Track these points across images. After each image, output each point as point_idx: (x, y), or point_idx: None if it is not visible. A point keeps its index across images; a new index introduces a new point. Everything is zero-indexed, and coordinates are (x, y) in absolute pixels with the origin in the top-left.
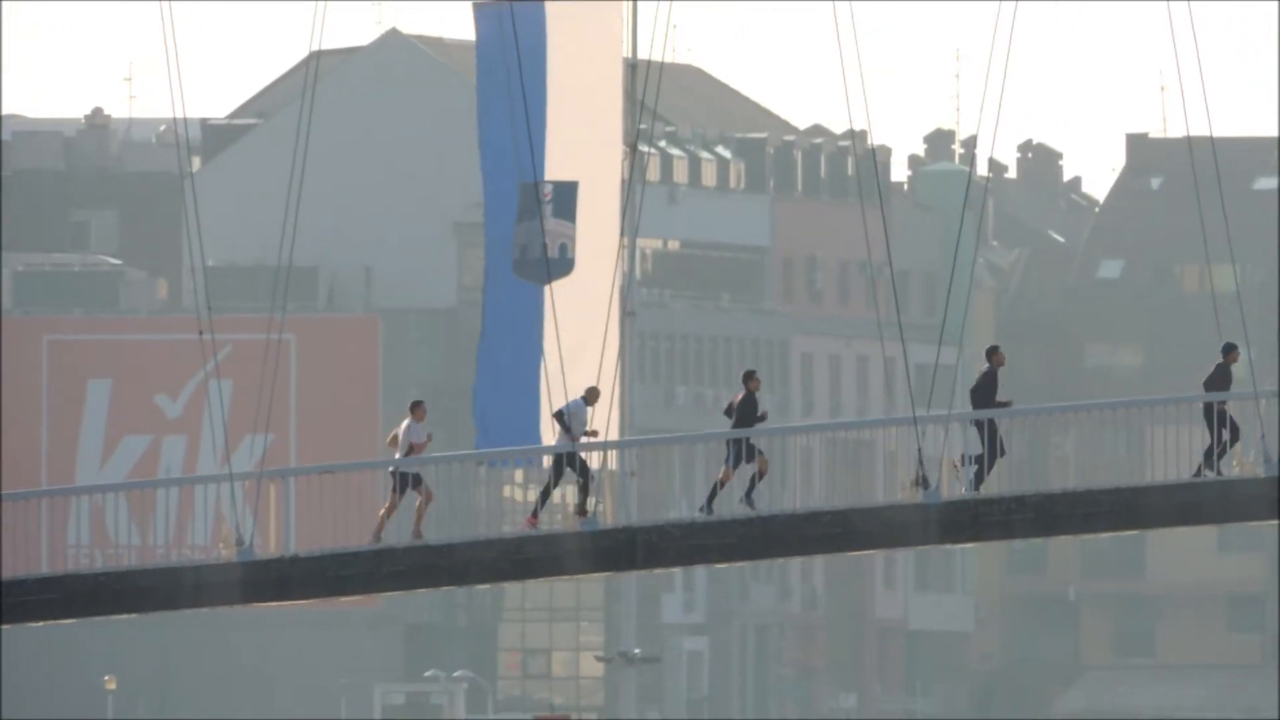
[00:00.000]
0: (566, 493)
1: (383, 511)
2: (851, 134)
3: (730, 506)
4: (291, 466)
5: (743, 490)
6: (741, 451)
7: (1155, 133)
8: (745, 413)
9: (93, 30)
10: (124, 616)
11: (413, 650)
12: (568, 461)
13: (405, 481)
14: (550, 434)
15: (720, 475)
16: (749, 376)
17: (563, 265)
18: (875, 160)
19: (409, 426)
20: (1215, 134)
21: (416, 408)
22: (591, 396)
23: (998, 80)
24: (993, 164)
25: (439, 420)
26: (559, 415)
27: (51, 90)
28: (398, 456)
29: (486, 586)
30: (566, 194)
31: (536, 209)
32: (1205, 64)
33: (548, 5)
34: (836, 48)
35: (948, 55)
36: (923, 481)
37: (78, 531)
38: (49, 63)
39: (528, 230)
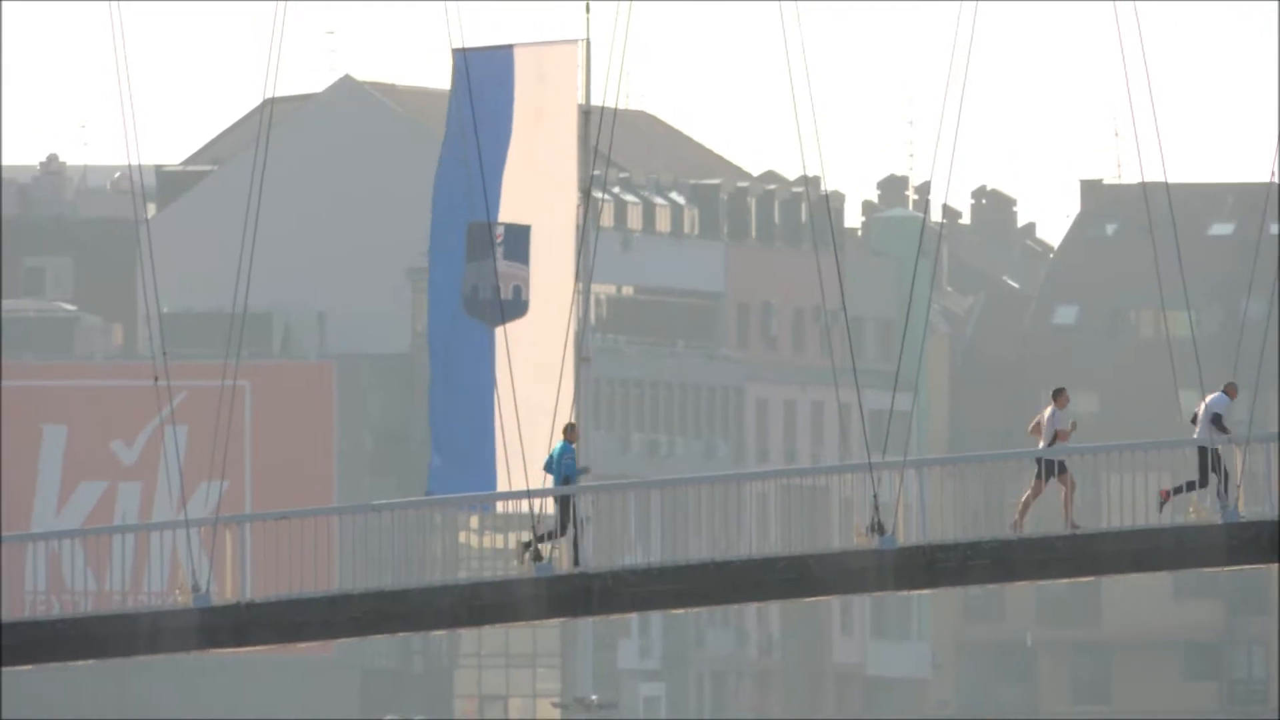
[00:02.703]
0: (521, 538)
1: (1025, 497)
2: (805, 180)
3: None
4: (247, 512)
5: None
6: (1053, 467)
7: (1110, 179)
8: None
9: (47, 77)
10: (81, 663)
11: (369, 696)
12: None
13: (1050, 469)
14: (507, 476)
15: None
16: (1058, 393)
17: (516, 307)
18: (829, 206)
19: (1052, 413)
20: (1170, 180)
21: (1059, 395)
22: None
23: (951, 126)
24: (946, 210)
25: (392, 464)
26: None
27: (6, 137)
28: (1041, 445)
29: (442, 632)
30: (519, 237)
31: (489, 249)
32: (1159, 110)
33: (516, 51)
34: (789, 94)
35: (901, 101)
36: (878, 528)
37: (34, 577)
38: (3, 109)
39: (479, 270)
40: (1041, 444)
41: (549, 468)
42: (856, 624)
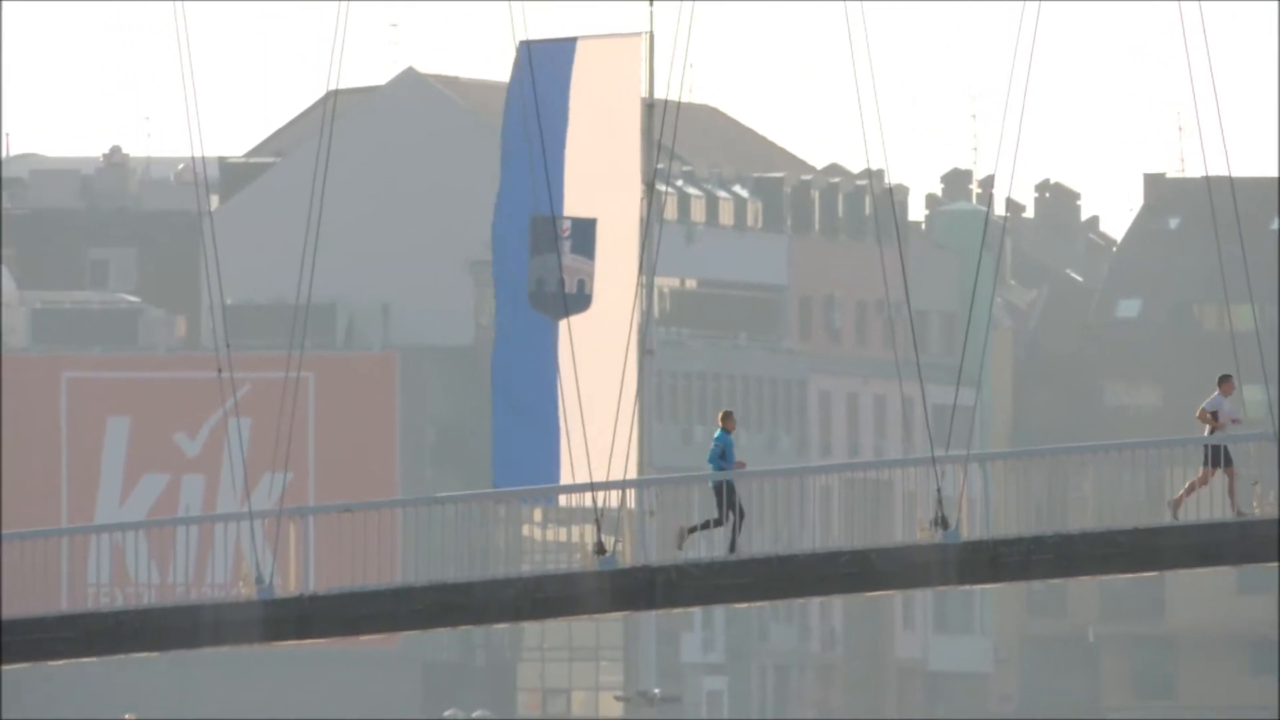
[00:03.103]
0: (585, 531)
1: (1191, 482)
2: (869, 173)
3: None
4: (310, 505)
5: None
6: (1219, 457)
7: (1173, 173)
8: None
9: (111, 69)
10: (144, 654)
11: (431, 689)
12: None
13: (1218, 459)
14: (570, 470)
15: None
16: (1224, 380)
17: (580, 301)
18: (893, 200)
19: (1216, 399)
20: (1233, 174)
21: (1225, 381)
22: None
23: (1015, 120)
24: (1010, 204)
25: (455, 456)
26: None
27: (70, 129)
28: (1208, 432)
29: (505, 625)
30: (585, 230)
31: (553, 244)
32: (1223, 104)
33: (579, 43)
34: (854, 87)
35: (965, 95)
36: (941, 522)
37: (97, 570)
38: (68, 101)
39: (544, 264)
40: (1208, 431)
41: (710, 457)
42: (919, 618)
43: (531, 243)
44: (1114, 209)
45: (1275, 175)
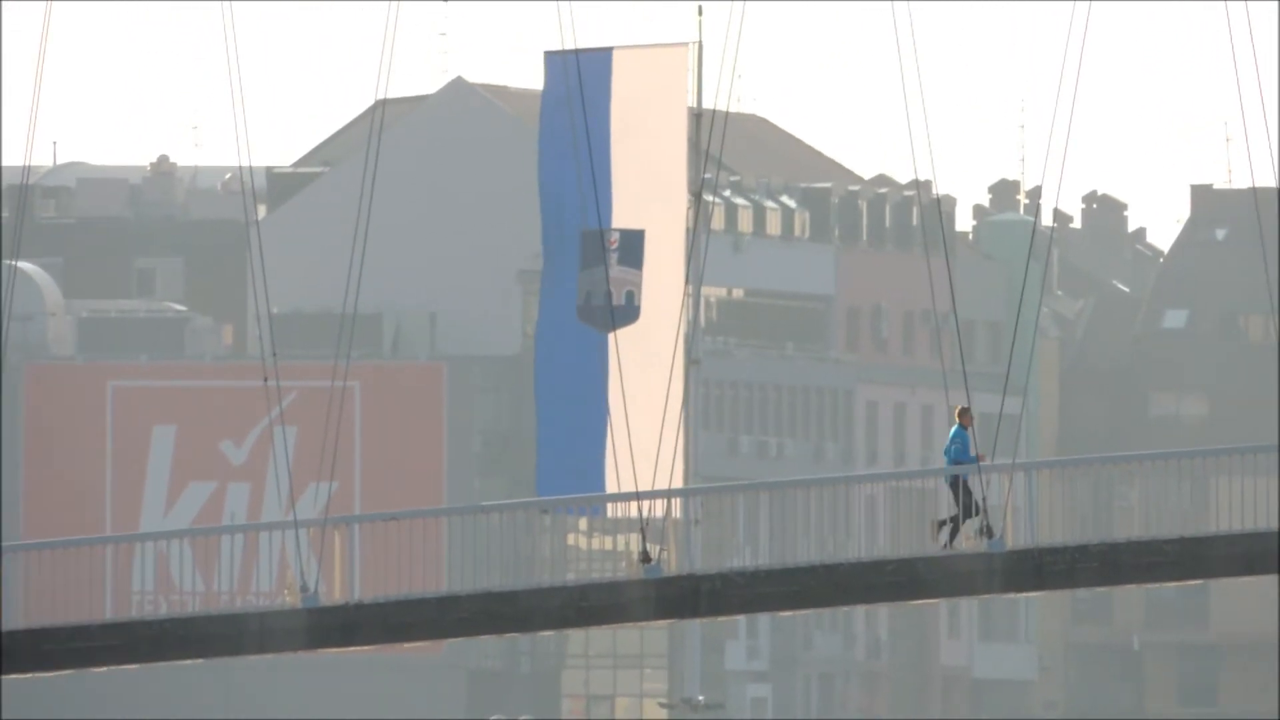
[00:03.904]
0: (630, 540)
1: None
2: (916, 184)
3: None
4: (356, 514)
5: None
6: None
7: (1220, 184)
8: None
9: (159, 78)
10: (189, 662)
11: (476, 696)
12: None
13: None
14: (615, 479)
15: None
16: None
17: (629, 313)
18: (940, 210)
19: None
20: None
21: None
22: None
23: (1062, 131)
24: (1057, 214)
25: (501, 466)
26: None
27: (118, 137)
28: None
29: (550, 633)
30: (633, 242)
31: (602, 256)
32: (1270, 115)
33: (615, 54)
34: (901, 97)
35: (1012, 106)
36: (987, 531)
37: (143, 578)
38: (115, 110)
39: (592, 277)
40: None
41: (946, 452)
42: (964, 626)
43: (581, 256)
44: (1161, 220)
45: None
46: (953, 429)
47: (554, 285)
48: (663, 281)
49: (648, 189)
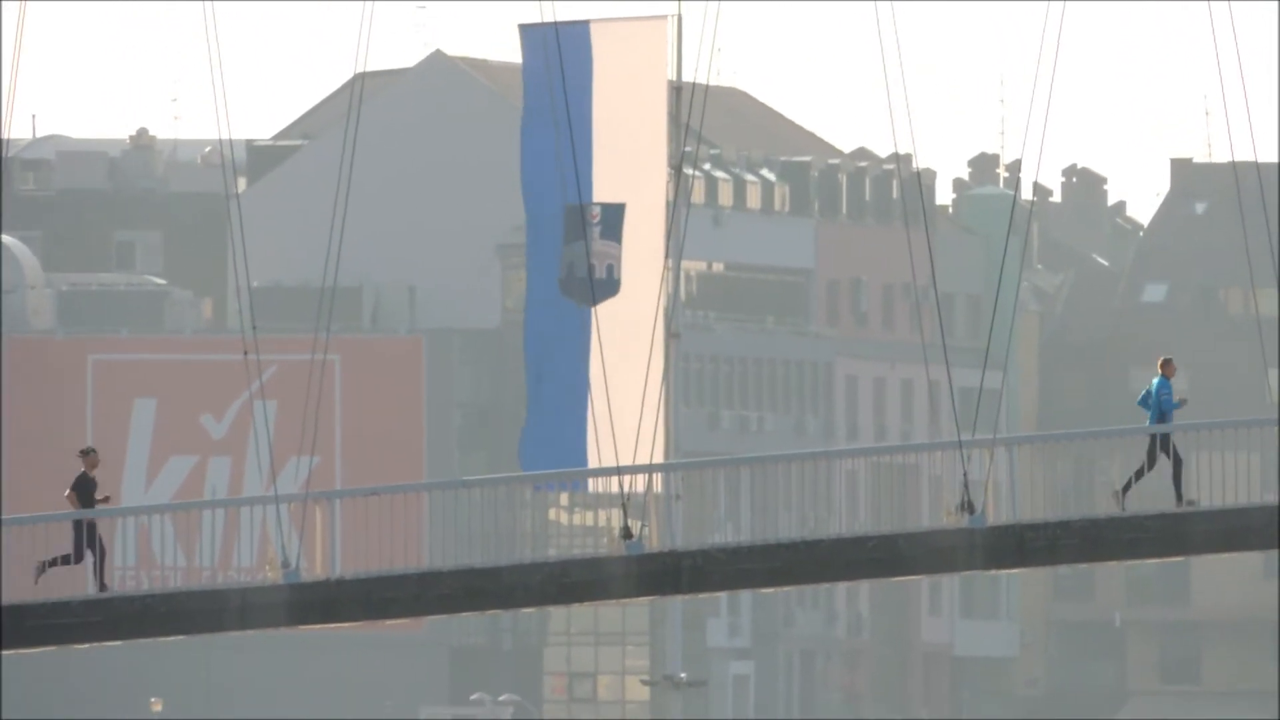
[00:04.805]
0: (612, 516)
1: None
2: (896, 157)
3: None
4: (337, 488)
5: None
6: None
7: (1200, 157)
8: None
9: (138, 51)
10: (170, 639)
11: (458, 673)
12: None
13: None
14: (596, 454)
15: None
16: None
17: (609, 286)
18: (920, 184)
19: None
20: (1259, 158)
21: (1166, 364)
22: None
23: (1042, 104)
24: (1037, 188)
25: (482, 440)
26: (1144, 399)
27: (97, 111)
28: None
29: (532, 610)
30: (614, 215)
31: (583, 231)
32: (1249, 89)
33: (593, 26)
34: (881, 71)
35: (992, 79)
36: (968, 506)
37: (123, 553)
38: (94, 83)
39: (574, 251)
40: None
41: (1143, 402)
42: (945, 603)
43: (565, 230)
44: (1141, 193)
45: None
46: (1156, 380)
47: (538, 260)
48: (643, 255)
49: (627, 162)
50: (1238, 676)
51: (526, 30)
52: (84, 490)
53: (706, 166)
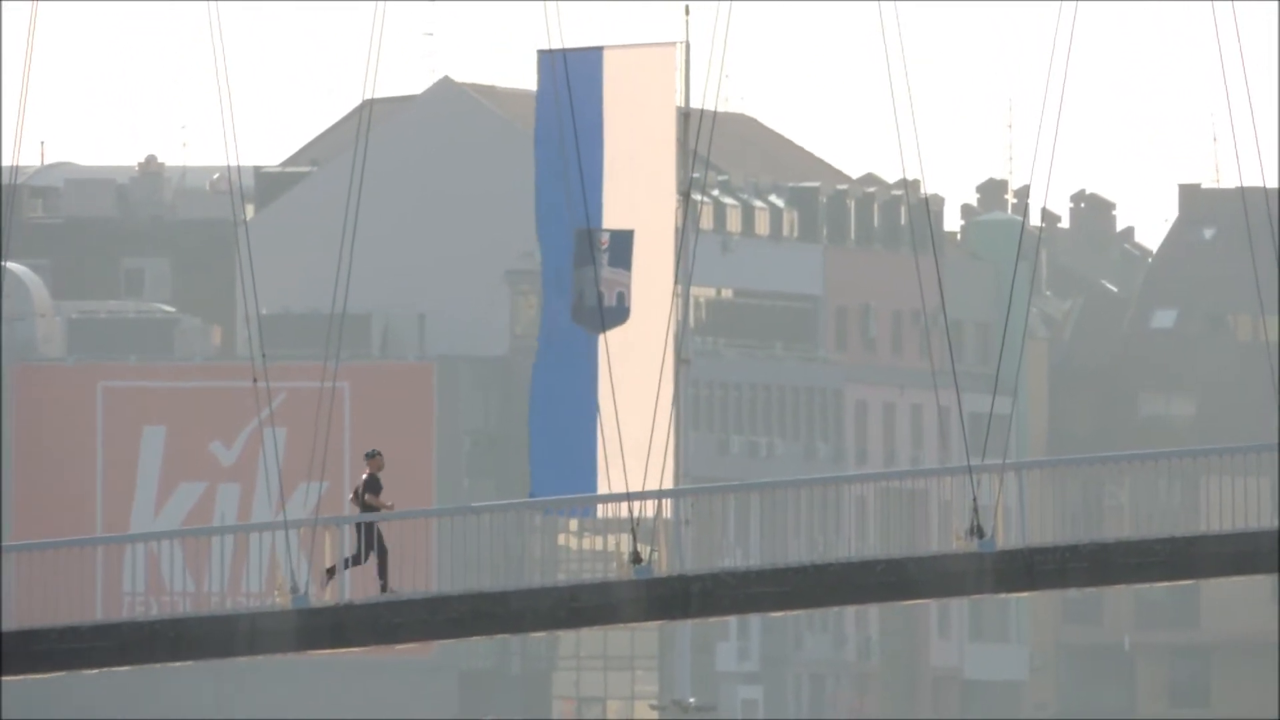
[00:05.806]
0: (621, 540)
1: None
2: (904, 183)
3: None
4: (346, 514)
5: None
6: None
7: (1208, 183)
8: None
9: (146, 78)
10: (179, 664)
11: (467, 698)
12: None
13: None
14: (606, 479)
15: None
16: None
17: (619, 314)
18: (928, 210)
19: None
20: (1267, 184)
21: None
22: None
23: (1050, 130)
24: (1046, 214)
25: (491, 466)
26: None
27: (105, 138)
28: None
29: (540, 634)
30: (623, 243)
31: (593, 257)
32: (1258, 115)
33: (605, 53)
34: (889, 96)
35: (1000, 105)
36: (977, 531)
37: (133, 579)
38: (102, 110)
39: (584, 277)
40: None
41: None
42: (955, 627)
43: (575, 256)
44: (1149, 219)
45: None
46: None
47: (553, 286)
48: (652, 282)
49: (636, 189)
50: (1247, 701)
51: (544, 56)
52: (374, 491)
53: (715, 192)
